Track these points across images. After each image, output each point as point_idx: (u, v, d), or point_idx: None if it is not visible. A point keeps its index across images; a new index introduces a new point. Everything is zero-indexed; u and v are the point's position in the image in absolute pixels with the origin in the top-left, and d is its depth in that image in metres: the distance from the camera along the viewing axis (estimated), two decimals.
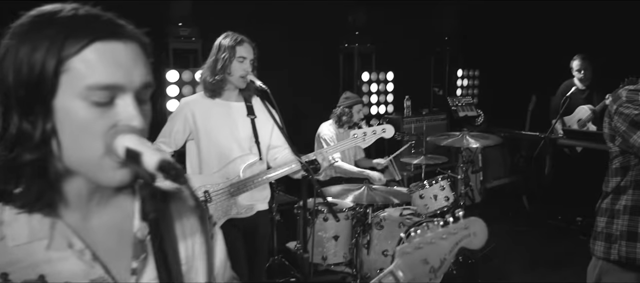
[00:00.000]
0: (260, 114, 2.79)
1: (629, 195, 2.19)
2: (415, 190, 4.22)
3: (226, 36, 2.72)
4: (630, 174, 2.19)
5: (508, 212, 5.95)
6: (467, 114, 6.24)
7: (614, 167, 2.27)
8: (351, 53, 5.82)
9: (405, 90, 6.10)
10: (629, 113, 2.11)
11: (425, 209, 4.16)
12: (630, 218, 2.19)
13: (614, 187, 2.26)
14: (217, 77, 2.66)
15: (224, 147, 2.71)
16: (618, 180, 2.24)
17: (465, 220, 1.18)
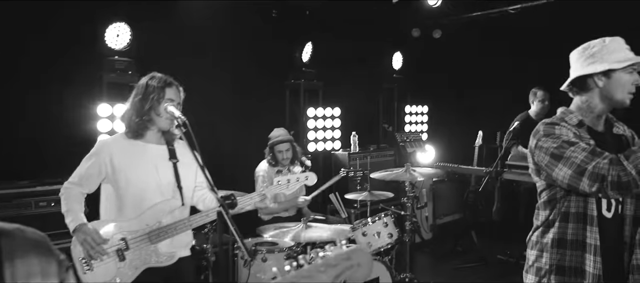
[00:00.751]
0: (183, 157, 2.66)
1: (556, 228, 2.12)
2: (358, 227, 4.07)
3: (152, 77, 2.61)
4: (558, 207, 2.12)
5: (458, 247, 5.88)
6: (415, 150, 6.22)
7: (542, 200, 2.20)
8: (297, 88, 5.74)
9: (354, 127, 6.05)
10: (548, 147, 2.05)
11: (369, 247, 4.00)
12: (558, 252, 2.11)
13: (543, 220, 2.18)
14: (145, 117, 2.54)
15: (144, 191, 2.54)
16: (547, 213, 2.17)
17: (348, 250, 1.04)
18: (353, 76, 6.26)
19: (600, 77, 2.09)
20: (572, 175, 1.96)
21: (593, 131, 2.12)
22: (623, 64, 2.02)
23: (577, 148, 1.96)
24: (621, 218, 2.11)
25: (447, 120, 7.19)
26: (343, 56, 6.16)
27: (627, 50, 2.06)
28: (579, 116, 2.13)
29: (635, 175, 1.84)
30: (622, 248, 2.11)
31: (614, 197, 2.02)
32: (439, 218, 6.30)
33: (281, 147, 4.51)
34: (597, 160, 1.90)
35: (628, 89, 2.03)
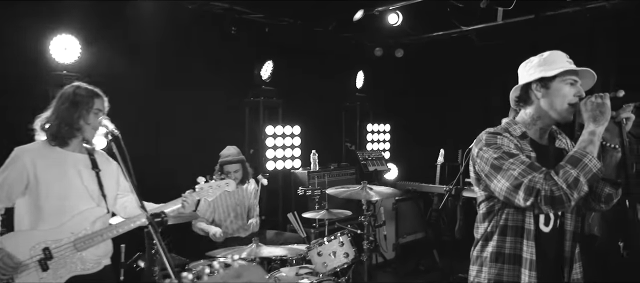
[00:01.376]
0: (104, 166, 2.72)
1: (494, 241, 2.06)
2: (313, 247, 3.96)
3: (79, 87, 2.66)
4: (496, 220, 2.07)
5: (420, 267, 5.81)
6: (377, 168, 6.16)
7: (481, 212, 2.15)
8: (257, 106, 5.64)
9: (316, 145, 5.97)
10: (489, 157, 2.00)
11: (324, 267, 3.89)
12: (496, 266, 2.05)
13: (482, 234, 2.13)
14: (75, 126, 2.57)
15: (67, 199, 2.52)
16: (485, 226, 2.12)
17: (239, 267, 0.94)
18: (315, 94, 6.22)
19: (539, 88, 2.07)
20: (508, 187, 1.92)
21: (536, 144, 2.10)
22: (554, 71, 2.01)
23: (516, 160, 1.93)
24: (561, 233, 2.08)
25: (410, 138, 7.20)
26: (304, 74, 6.12)
27: (566, 62, 2.03)
28: (523, 128, 2.10)
29: (566, 190, 1.81)
30: (563, 263, 2.08)
31: (548, 212, 1.98)
32: (401, 238, 6.23)
33: (230, 168, 4.42)
34: (533, 175, 1.87)
35: (568, 100, 2.00)
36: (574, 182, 1.82)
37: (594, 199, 2.11)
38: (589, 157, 1.85)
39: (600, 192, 2.07)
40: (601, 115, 1.88)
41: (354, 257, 4.03)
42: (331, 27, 6.29)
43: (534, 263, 1.97)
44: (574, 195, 1.82)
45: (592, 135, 1.88)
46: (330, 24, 6.26)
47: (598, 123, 1.89)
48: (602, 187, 2.06)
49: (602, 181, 2.05)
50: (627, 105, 1.90)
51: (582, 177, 1.82)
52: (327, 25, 6.28)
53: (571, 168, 1.83)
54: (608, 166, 2.00)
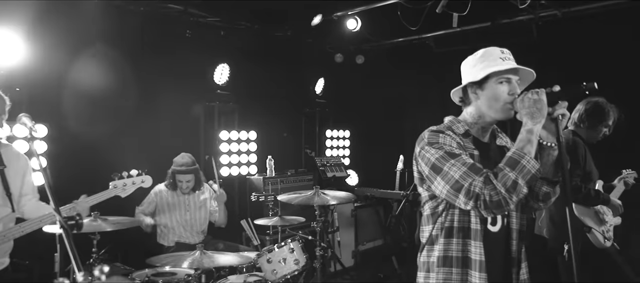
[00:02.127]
0: (12, 162, 2.65)
1: (440, 244, 1.98)
2: (262, 254, 3.85)
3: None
4: (440, 221, 1.99)
5: (379, 274, 5.75)
6: (336, 174, 6.10)
7: (426, 214, 2.08)
8: (212, 111, 5.51)
9: (275, 151, 5.88)
10: (430, 157, 1.94)
11: (274, 275, 3.78)
12: (444, 270, 1.97)
13: (428, 237, 2.05)
14: None
15: None
16: (430, 228, 2.04)
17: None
18: (273, 100, 6.13)
19: (474, 90, 2.03)
20: (449, 190, 1.87)
21: (478, 142, 2.06)
22: (481, 75, 1.98)
23: (457, 162, 1.87)
24: (508, 233, 2.03)
25: (370, 144, 7.16)
26: (263, 79, 6.02)
27: (499, 59, 1.98)
28: (466, 126, 2.05)
29: (505, 194, 1.77)
30: (510, 263, 2.02)
31: (489, 215, 1.92)
32: (361, 245, 6.17)
33: (182, 177, 4.31)
34: (473, 178, 1.82)
35: (504, 100, 1.95)
36: (513, 185, 1.77)
37: (532, 198, 2.07)
38: (526, 158, 1.80)
39: (538, 190, 2.04)
40: (538, 112, 1.83)
41: (305, 264, 3.94)
42: (290, 32, 6.23)
43: (484, 265, 1.91)
44: (513, 198, 1.78)
45: (530, 133, 1.84)
46: (289, 29, 6.20)
47: (535, 120, 1.84)
48: (540, 185, 2.03)
49: (540, 180, 2.00)
50: (563, 101, 1.86)
51: (520, 179, 1.78)
52: (287, 30, 6.22)
53: (509, 171, 1.79)
54: (545, 164, 1.95)
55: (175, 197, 4.39)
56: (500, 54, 2.00)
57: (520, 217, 2.06)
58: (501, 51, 2.01)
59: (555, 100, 1.85)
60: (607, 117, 3.50)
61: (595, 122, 3.50)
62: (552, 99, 1.85)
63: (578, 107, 3.60)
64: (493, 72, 1.96)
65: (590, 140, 3.54)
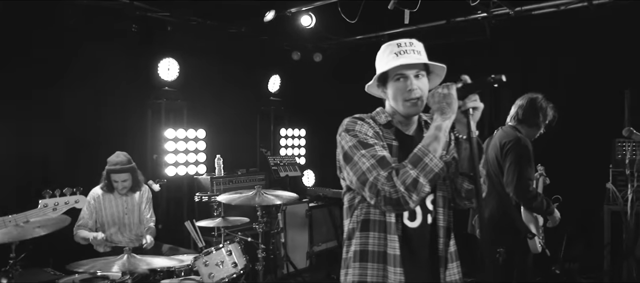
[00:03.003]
0: None
1: (357, 238, 1.88)
2: (200, 257, 3.69)
3: None
4: (357, 214, 1.89)
5: (333, 275, 5.64)
6: (289, 174, 5.96)
7: (345, 206, 1.98)
8: (159, 108, 5.32)
9: (227, 150, 5.72)
10: (344, 144, 1.85)
11: (211, 278, 3.64)
12: (360, 266, 1.86)
13: (347, 231, 1.95)
14: None
15: None
16: (348, 222, 1.95)
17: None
18: (226, 97, 5.95)
19: (381, 88, 1.98)
20: (356, 182, 1.79)
21: (401, 133, 1.96)
22: (372, 80, 1.96)
23: (367, 152, 1.79)
24: (434, 230, 1.93)
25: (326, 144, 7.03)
26: (215, 76, 5.86)
27: (394, 55, 1.88)
28: (389, 117, 1.97)
29: (404, 192, 1.68)
30: (438, 262, 1.92)
31: (391, 212, 1.82)
32: (316, 246, 6.05)
33: (117, 177, 4.09)
34: (378, 172, 1.73)
35: (402, 97, 1.87)
36: (413, 184, 1.69)
37: (457, 196, 1.98)
38: (430, 155, 1.72)
39: (460, 188, 1.94)
40: (448, 107, 1.75)
41: (244, 267, 3.81)
42: (245, 29, 6.08)
43: (399, 259, 1.82)
44: (413, 197, 1.69)
45: (438, 129, 1.75)
46: (243, 25, 6.04)
47: (445, 116, 1.75)
48: (461, 182, 1.93)
49: (461, 176, 1.92)
50: (473, 94, 1.76)
51: (421, 177, 1.69)
52: (241, 27, 6.06)
53: (411, 168, 1.71)
54: (463, 160, 1.87)
55: (113, 200, 4.18)
56: (396, 48, 1.90)
57: (448, 213, 1.97)
58: (398, 44, 1.90)
59: (465, 93, 1.76)
60: (545, 115, 3.36)
61: (534, 119, 3.36)
62: (463, 93, 1.76)
63: (517, 102, 3.45)
64: (383, 72, 1.90)
65: (529, 138, 3.39)
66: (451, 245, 1.98)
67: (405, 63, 1.85)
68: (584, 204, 5.03)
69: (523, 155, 3.17)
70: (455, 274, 1.97)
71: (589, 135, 5.11)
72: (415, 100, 1.86)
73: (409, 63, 1.86)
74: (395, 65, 1.86)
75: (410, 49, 1.89)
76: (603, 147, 4.90)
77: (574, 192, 4.75)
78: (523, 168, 3.13)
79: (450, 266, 1.95)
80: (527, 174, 3.14)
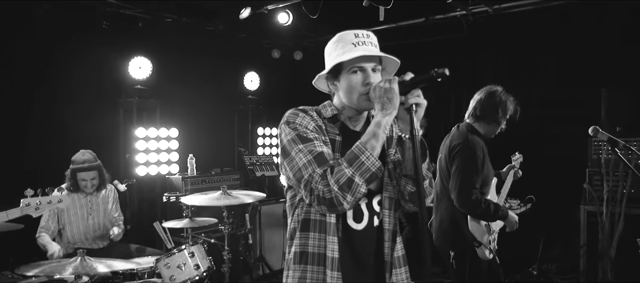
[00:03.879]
0: None
1: (298, 239, 1.79)
2: (161, 259, 3.61)
3: None
4: (297, 213, 1.80)
5: None
6: (265, 173, 5.88)
7: (287, 204, 1.89)
8: (131, 107, 5.23)
9: (202, 149, 5.64)
10: (283, 137, 1.76)
11: (172, 280, 3.55)
12: (300, 267, 1.77)
13: (289, 231, 1.85)
14: None
15: None
16: (289, 221, 1.86)
17: None
18: (202, 96, 5.87)
19: (332, 81, 1.86)
20: (292, 178, 1.71)
21: (347, 129, 1.86)
22: (327, 68, 1.82)
23: (304, 148, 1.69)
24: (380, 232, 1.84)
25: None
26: (191, 74, 5.76)
27: (351, 45, 1.76)
28: (335, 111, 1.86)
29: (338, 192, 1.60)
30: (384, 267, 1.84)
31: (327, 212, 1.71)
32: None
33: (85, 175, 4.00)
34: (313, 170, 1.64)
35: (358, 91, 1.76)
36: (347, 183, 1.60)
37: (401, 198, 1.89)
38: (367, 153, 1.63)
39: (404, 190, 1.86)
40: (388, 102, 1.65)
41: (207, 269, 3.73)
42: (222, 27, 5.99)
43: (337, 262, 1.73)
44: (348, 198, 1.61)
45: (377, 126, 1.66)
46: (221, 23, 5.96)
47: (385, 111, 1.66)
48: (405, 184, 1.84)
49: (404, 178, 1.83)
50: (416, 89, 1.67)
51: (357, 177, 1.61)
52: (218, 25, 5.98)
53: (346, 166, 1.62)
54: (407, 160, 1.78)
55: (77, 200, 4.07)
56: (353, 38, 1.79)
57: (395, 216, 1.88)
58: (355, 35, 1.79)
59: (407, 89, 1.67)
60: (506, 110, 3.08)
61: (493, 115, 3.07)
62: (405, 88, 1.67)
63: (475, 96, 3.20)
64: (339, 63, 1.78)
65: (487, 135, 3.16)
66: (398, 250, 1.89)
67: (366, 54, 1.75)
68: (560, 204, 4.98)
69: (469, 159, 2.97)
70: (403, 280, 1.89)
71: (565, 134, 5.06)
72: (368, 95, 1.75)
73: (370, 54, 1.75)
74: (355, 56, 1.74)
75: (368, 40, 1.79)
76: (580, 147, 4.84)
77: (551, 192, 4.72)
78: (466, 174, 2.94)
79: (396, 271, 1.86)
80: (472, 181, 2.92)
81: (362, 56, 1.74)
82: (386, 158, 1.88)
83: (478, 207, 2.92)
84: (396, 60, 1.84)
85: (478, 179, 2.95)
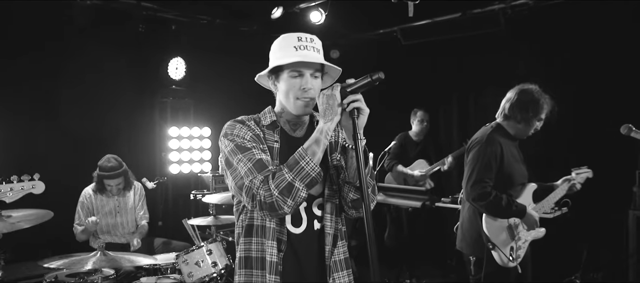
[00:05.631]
0: None
1: (242, 244, 1.83)
2: (181, 256, 3.69)
3: None
4: (242, 219, 1.84)
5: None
6: None
7: (234, 211, 1.92)
8: (165, 107, 5.40)
9: None
10: (224, 148, 1.80)
11: (190, 278, 3.63)
12: (245, 273, 1.81)
13: (236, 237, 1.89)
14: None
15: None
16: (236, 228, 1.90)
17: None
18: (235, 96, 5.94)
19: (273, 80, 1.87)
20: (234, 187, 1.74)
21: (286, 135, 1.88)
22: (265, 71, 1.86)
23: (244, 157, 1.72)
24: (321, 236, 1.86)
25: None
26: (226, 75, 5.84)
27: (293, 48, 1.78)
28: (274, 116, 1.88)
29: (278, 196, 1.62)
30: (325, 271, 1.84)
31: (269, 217, 1.73)
32: None
33: (111, 182, 4.17)
34: (254, 176, 1.67)
35: (295, 95, 1.77)
36: (287, 188, 1.63)
37: (344, 204, 1.89)
38: (307, 159, 1.66)
39: (346, 196, 1.86)
40: (330, 109, 1.68)
41: (224, 267, 3.76)
42: (256, 27, 6.05)
43: (275, 266, 1.75)
44: (288, 202, 1.64)
45: (319, 132, 1.70)
46: (255, 24, 6.02)
47: (326, 118, 1.69)
48: (347, 191, 1.85)
49: (347, 185, 1.84)
50: (355, 95, 1.67)
51: (297, 182, 1.64)
52: (253, 25, 6.04)
53: (287, 171, 1.65)
54: (350, 168, 1.80)
55: (105, 200, 4.25)
56: (296, 41, 1.81)
57: (336, 220, 1.89)
58: (298, 38, 1.81)
59: (347, 94, 1.67)
60: (538, 109, 2.92)
61: (523, 114, 2.94)
62: (345, 94, 1.67)
63: (508, 95, 3.06)
64: (279, 65, 1.80)
65: (519, 136, 3.05)
66: (340, 253, 1.89)
67: (305, 60, 1.76)
68: (607, 209, 4.62)
69: (482, 154, 2.86)
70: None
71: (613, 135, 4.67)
72: (309, 100, 1.78)
73: (308, 61, 1.76)
74: (293, 61, 1.75)
75: (311, 45, 1.81)
76: (629, 148, 4.45)
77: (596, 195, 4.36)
78: (476, 167, 2.85)
79: (337, 275, 1.85)
80: (481, 174, 2.82)
81: (300, 62, 1.76)
82: (328, 163, 1.89)
83: (485, 198, 2.82)
84: (337, 69, 1.87)
85: (489, 175, 2.86)
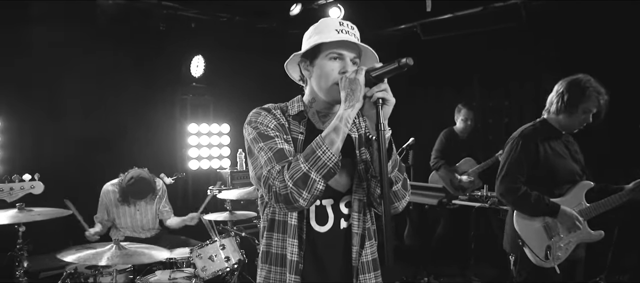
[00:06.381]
0: None
1: (264, 238, 1.77)
2: (195, 250, 3.75)
3: None
4: (266, 213, 1.78)
5: None
6: None
7: (259, 203, 1.86)
8: (185, 104, 5.49)
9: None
10: (247, 136, 1.72)
11: (203, 271, 3.67)
12: (265, 267, 1.75)
13: (261, 230, 1.84)
14: None
15: None
16: (261, 221, 1.84)
17: None
18: (254, 93, 5.97)
19: (306, 66, 1.76)
20: (254, 177, 1.67)
21: (313, 127, 1.78)
22: (306, 47, 1.72)
23: (266, 146, 1.64)
24: (348, 236, 1.76)
25: None
26: (244, 72, 5.89)
27: (334, 30, 1.68)
28: (302, 107, 1.80)
29: (293, 188, 1.53)
30: (351, 271, 1.75)
31: (287, 211, 1.66)
32: None
33: (138, 201, 4.25)
34: (272, 166, 1.58)
35: (333, 79, 1.66)
36: (302, 179, 1.53)
37: (373, 200, 1.78)
38: (324, 148, 1.54)
39: (373, 191, 1.75)
40: (352, 94, 1.57)
41: (237, 261, 3.80)
42: (276, 24, 6.07)
43: (295, 265, 1.68)
44: (304, 195, 1.54)
45: (339, 119, 1.58)
46: (274, 21, 6.04)
47: (347, 103, 1.58)
48: (374, 186, 1.74)
49: (374, 179, 1.74)
50: (381, 82, 1.56)
51: (313, 173, 1.53)
52: (272, 22, 6.06)
53: (303, 161, 1.54)
54: (376, 161, 1.67)
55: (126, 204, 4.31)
56: (337, 25, 1.71)
57: (364, 219, 1.77)
58: (340, 23, 1.72)
59: (374, 80, 1.56)
60: (586, 99, 2.74)
61: (573, 105, 2.77)
62: (371, 79, 1.56)
63: (555, 87, 2.89)
64: (321, 43, 1.68)
65: (566, 129, 2.87)
66: (367, 255, 1.77)
67: (351, 40, 1.68)
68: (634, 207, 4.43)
69: (513, 151, 2.81)
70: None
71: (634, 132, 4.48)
72: None
73: (354, 42, 1.68)
74: (338, 39, 1.67)
75: (352, 32, 1.72)
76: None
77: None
78: (508, 163, 2.82)
79: (364, 277, 1.76)
80: (512, 169, 2.79)
81: (344, 41, 1.66)
82: (356, 159, 1.79)
83: (513, 193, 2.79)
84: (375, 56, 1.73)
85: (520, 170, 2.81)
